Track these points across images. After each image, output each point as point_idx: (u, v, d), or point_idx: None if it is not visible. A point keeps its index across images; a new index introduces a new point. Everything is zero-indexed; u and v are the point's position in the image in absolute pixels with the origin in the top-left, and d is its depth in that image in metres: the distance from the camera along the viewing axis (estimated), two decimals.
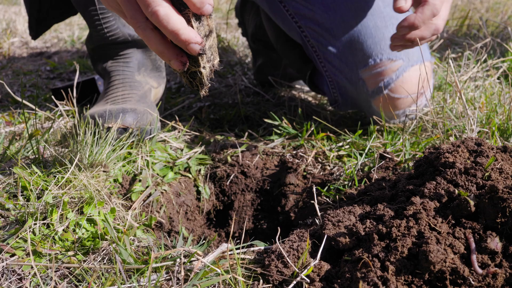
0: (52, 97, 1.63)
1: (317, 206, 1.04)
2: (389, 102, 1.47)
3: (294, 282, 0.81)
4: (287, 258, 0.83)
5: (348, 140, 1.46)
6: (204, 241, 0.94)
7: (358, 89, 1.49)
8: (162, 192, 1.31)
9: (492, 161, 0.97)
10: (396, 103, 1.47)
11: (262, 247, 0.94)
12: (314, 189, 1.10)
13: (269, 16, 1.74)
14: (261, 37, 2.00)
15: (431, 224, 0.84)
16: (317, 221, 1.03)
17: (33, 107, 1.74)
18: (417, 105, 1.45)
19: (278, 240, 0.88)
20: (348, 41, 1.47)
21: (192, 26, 0.87)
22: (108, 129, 1.30)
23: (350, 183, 1.24)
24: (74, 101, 1.40)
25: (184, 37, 0.84)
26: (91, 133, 1.24)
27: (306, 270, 0.81)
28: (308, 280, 0.81)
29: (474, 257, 0.81)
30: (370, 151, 1.38)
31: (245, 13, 2.10)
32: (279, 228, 0.97)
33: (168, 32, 0.84)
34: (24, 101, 1.34)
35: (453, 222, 0.89)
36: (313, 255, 0.88)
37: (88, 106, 1.64)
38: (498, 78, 1.84)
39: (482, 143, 1.18)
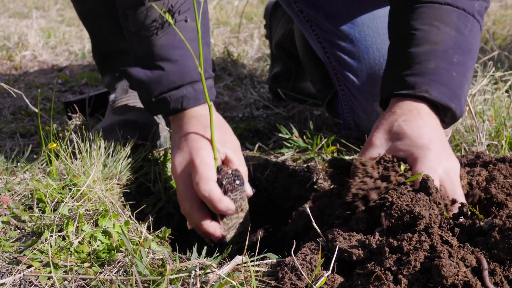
0: (68, 109, 1.66)
1: (316, 226, 1.05)
2: None
3: None
4: (301, 270, 0.84)
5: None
6: (218, 254, 0.95)
7: (371, 120, 1.48)
8: (175, 204, 1.32)
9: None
10: None
11: (275, 260, 0.95)
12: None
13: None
14: (286, 46, 1.99)
15: (443, 238, 0.85)
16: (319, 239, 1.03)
17: (47, 118, 1.77)
18: None
19: (293, 253, 0.90)
20: (369, 72, 1.47)
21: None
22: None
23: None
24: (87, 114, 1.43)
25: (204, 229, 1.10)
26: (105, 146, 1.26)
27: (319, 282, 0.82)
28: None
29: (486, 273, 0.81)
30: None
31: (275, 18, 2.09)
32: (294, 241, 0.98)
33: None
34: (39, 113, 1.37)
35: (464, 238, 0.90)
36: (325, 267, 0.89)
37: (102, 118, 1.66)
38: (507, 91, 1.85)
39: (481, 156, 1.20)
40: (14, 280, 0.93)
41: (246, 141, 1.72)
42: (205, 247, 0.96)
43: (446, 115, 1.07)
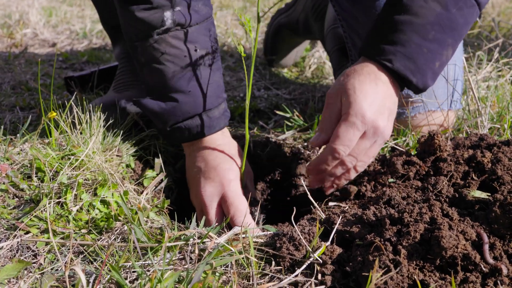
0: (69, 84, 1.65)
1: (313, 200, 1.04)
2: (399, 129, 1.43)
3: (308, 262, 0.81)
4: (301, 237, 0.84)
5: None
6: (217, 224, 0.95)
7: None
8: (174, 179, 1.32)
9: None
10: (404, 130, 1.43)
11: (273, 231, 0.95)
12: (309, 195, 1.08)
13: None
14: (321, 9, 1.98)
15: (444, 211, 0.85)
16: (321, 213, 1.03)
17: (47, 94, 1.76)
18: None
19: (293, 219, 0.89)
20: None
21: None
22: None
23: None
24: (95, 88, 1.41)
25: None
26: (105, 119, 1.25)
27: (319, 250, 0.82)
28: (321, 261, 0.81)
29: (486, 247, 0.81)
30: None
31: None
32: (294, 208, 0.98)
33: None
34: (36, 88, 1.36)
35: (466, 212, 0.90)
36: (324, 240, 0.88)
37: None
38: (511, 78, 1.84)
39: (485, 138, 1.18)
40: (12, 245, 0.93)
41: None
42: (203, 218, 0.95)
43: (408, 86, 1.11)
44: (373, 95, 1.05)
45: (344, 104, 1.05)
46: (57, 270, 0.86)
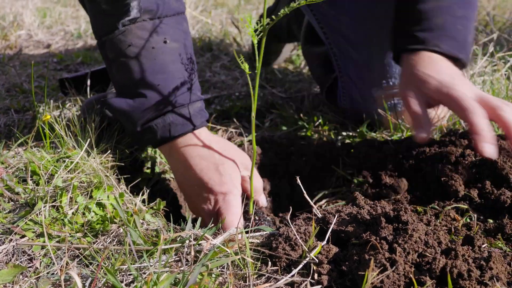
0: (63, 86, 1.64)
1: (309, 199, 1.04)
2: (393, 122, 1.44)
3: (304, 262, 0.81)
4: (297, 237, 0.84)
5: (353, 132, 1.46)
6: (212, 225, 0.95)
7: (368, 105, 1.48)
8: (169, 180, 1.31)
9: None
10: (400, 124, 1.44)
11: (269, 232, 0.94)
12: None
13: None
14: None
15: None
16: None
17: (42, 96, 1.75)
18: None
19: (289, 220, 0.89)
20: (367, 58, 1.46)
21: None
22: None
23: None
24: (88, 90, 1.41)
25: None
26: (100, 120, 1.25)
27: (315, 250, 0.82)
28: (317, 261, 0.81)
29: None
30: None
31: None
32: (291, 207, 0.98)
33: None
34: (30, 90, 1.36)
35: None
36: (320, 239, 0.88)
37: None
38: (506, 72, 1.84)
39: None
40: (7, 249, 0.93)
41: (243, 119, 1.71)
42: (199, 219, 0.95)
43: (456, 65, 1.15)
44: (448, 69, 1.10)
45: (432, 89, 1.08)
46: (53, 274, 0.85)
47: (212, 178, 1.06)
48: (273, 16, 0.88)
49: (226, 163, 1.08)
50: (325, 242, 0.85)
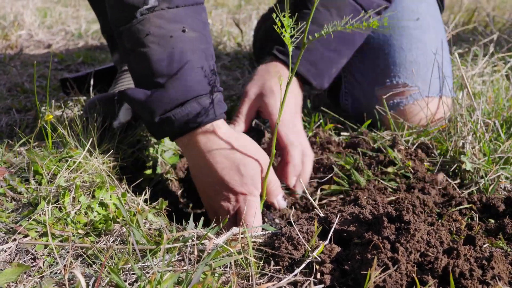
0: (64, 86, 1.64)
1: (314, 202, 1.05)
2: (395, 121, 1.45)
3: (307, 261, 0.82)
4: (299, 236, 0.84)
5: (354, 132, 1.47)
6: (215, 224, 0.95)
7: (370, 105, 1.49)
8: (171, 180, 1.32)
9: None
10: (402, 122, 1.45)
11: (272, 231, 0.95)
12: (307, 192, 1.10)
13: None
14: None
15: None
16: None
17: (43, 96, 1.75)
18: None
19: (292, 221, 0.90)
20: (372, 57, 1.47)
21: None
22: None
23: None
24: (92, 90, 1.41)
25: None
26: (101, 120, 1.25)
27: (317, 250, 0.82)
28: (319, 260, 0.82)
29: None
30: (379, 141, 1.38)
31: None
32: (293, 208, 0.98)
33: None
34: (32, 90, 1.36)
35: None
36: (322, 239, 0.89)
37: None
38: (507, 75, 1.85)
39: None
40: (11, 249, 0.93)
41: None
42: (202, 218, 0.95)
43: (309, 86, 1.34)
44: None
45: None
46: (56, 273, 0.86)
47: (233, 178, 1.05)
48: (310, 37, 0.93)
49: (248, 163, 1.06)
50: (327, 241, 0.86)
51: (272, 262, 0.85)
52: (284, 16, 0.89)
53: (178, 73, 1.03)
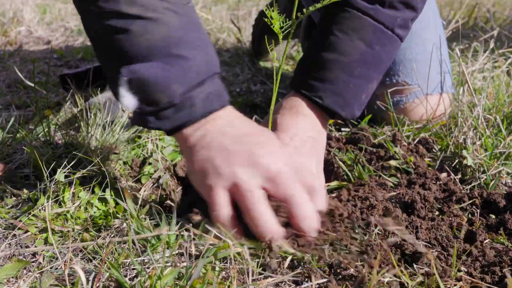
0: (64, 82, 1.64)
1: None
2: (396, 118, 1.44)
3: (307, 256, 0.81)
4: None
5: (356, 126, 1.46)
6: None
7: (371, 104, 1.48)
8: (172, 175, 1.31)
9: None
10: (403, 118, 1.45)
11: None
12: None
13: None
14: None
15: None
16: None
17: (43, 92, 1.75)
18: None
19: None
20: None
21: None
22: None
23: None
24: (90, 85, 1.41)
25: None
26: (100, 117, 1.25)
27: None
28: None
29: None
30: (379, 137, 1.38)
31: None
32: None
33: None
34: (32, 86, 1.36)
35: None
36: None
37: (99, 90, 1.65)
38: (508, 71, 1.84)
39: None
40: (10, 244, 0.93)
41: (244, 115, 1.71)
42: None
43: (338, 118, 1.14)
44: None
45: None
46: (56, 268, 0.86)
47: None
48: (299, 14, 0.89)
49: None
50: None
51: None
52: (273, 11, 0.89)
53: (199, 45, 0.89)
